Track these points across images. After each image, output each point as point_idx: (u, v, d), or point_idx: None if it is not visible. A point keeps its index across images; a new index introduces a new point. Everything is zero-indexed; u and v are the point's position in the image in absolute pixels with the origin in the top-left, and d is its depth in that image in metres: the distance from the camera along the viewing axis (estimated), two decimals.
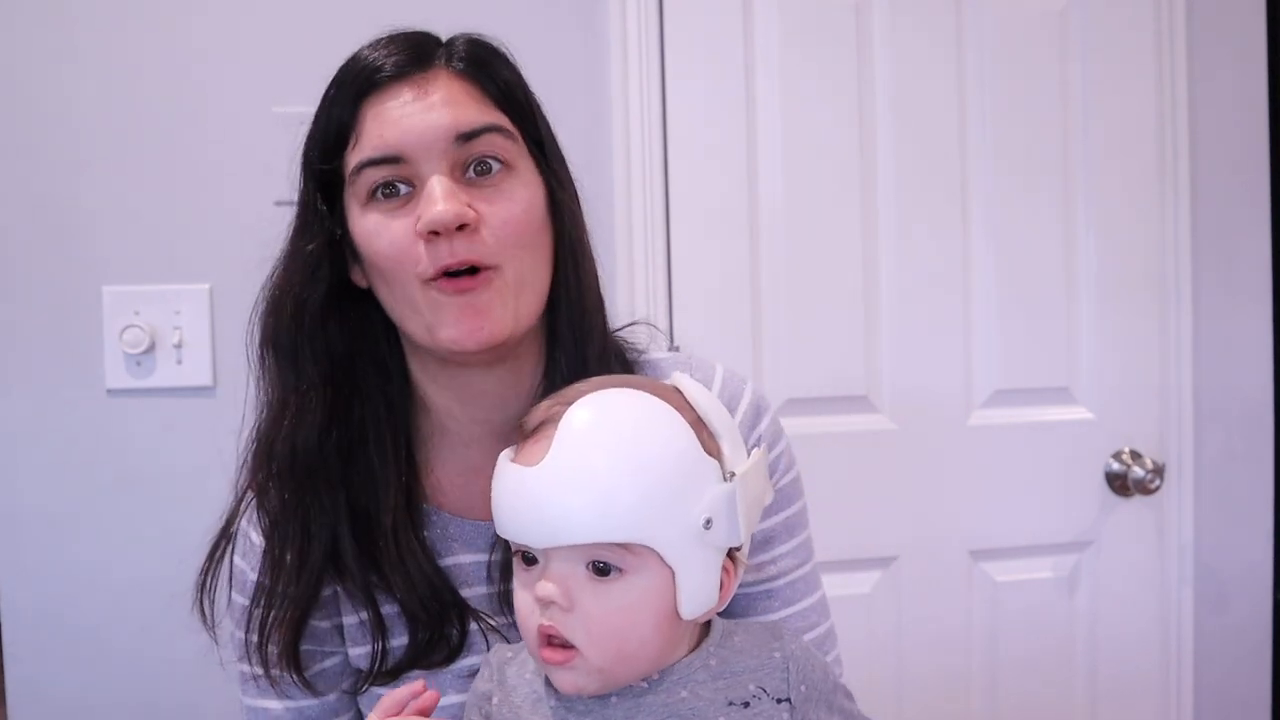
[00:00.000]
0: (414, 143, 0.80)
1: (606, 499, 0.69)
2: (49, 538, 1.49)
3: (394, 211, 0.81)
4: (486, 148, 0.82)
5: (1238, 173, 1.79)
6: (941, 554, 1.71)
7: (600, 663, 0.71)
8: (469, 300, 0.80)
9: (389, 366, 0.89)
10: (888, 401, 1.69)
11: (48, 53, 1.48)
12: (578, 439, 0.71)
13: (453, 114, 0.81)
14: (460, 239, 0.79)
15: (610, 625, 0.70)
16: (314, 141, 0.86)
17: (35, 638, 1.49)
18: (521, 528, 0.71)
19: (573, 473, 0.70)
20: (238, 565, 0.90)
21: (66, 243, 1.49)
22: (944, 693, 1.71)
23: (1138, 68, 1.75)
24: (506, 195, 0.82)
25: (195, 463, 1.49)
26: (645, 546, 0.70)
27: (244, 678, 0.91)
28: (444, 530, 0.89)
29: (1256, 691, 1.83)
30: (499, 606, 0.86)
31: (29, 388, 1.49)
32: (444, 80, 0.82)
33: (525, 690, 0.76)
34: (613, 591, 0.70)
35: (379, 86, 0.82)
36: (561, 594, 0.70)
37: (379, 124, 0.81)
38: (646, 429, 0.72)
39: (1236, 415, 1.80)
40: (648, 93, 1.61)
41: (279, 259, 0.88)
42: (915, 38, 1.69)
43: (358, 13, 1.53)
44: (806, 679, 0.75)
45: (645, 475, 0.70)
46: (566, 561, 0.70)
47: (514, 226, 0.82)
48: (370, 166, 0.81)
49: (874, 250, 1.68)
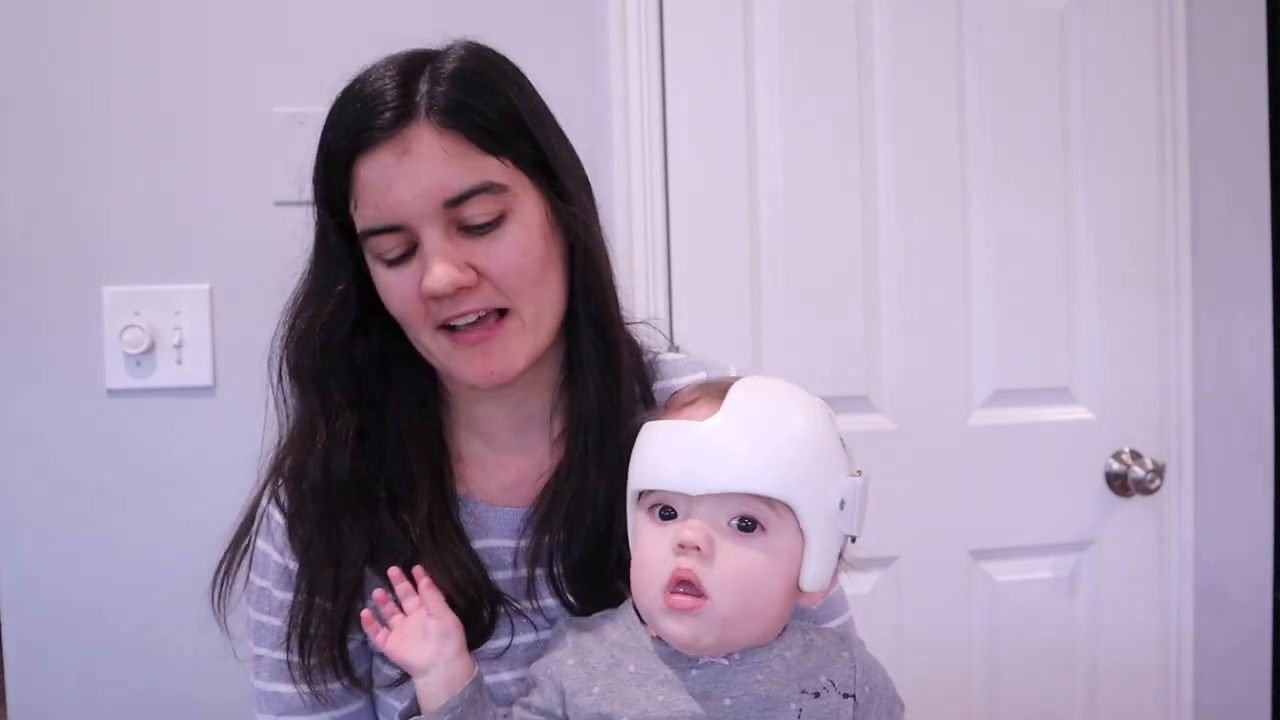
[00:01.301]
0: (406, 211, 0.82)
1: (772, 453, 0.76)
2: (49, 538, 1.49)
3: (400, 270, 0.84)
4: (476, 209, 0.82)
5: (1238, 173, 1.79)
6: (941, 554, 1.71)
7: (727, 612, 0.75)
8: (482, 349, 0.84)
9: (421, 363, 0.91)
10: (888, 401, 1.69)
11: (48, 53, 1.48)
12: (748, 401, 0.79)
13: (438, 178, 0.81)
14: (464, 296, 0.83)
15: (745, 577, 0.76)
16: (321, 193, 0.88)
17: (35, 637, 1.49)
18: (682, 475, 0.77)
19: (743, 427, 0.77)
20: (261, 547, 0.91)
21: (66, 243, 1.49)
22: (944, 692, 1.71)
23: (1138, 68, 1.75)
24: (507, 243, 0.84)
25: (195, 463, 1.49)
26: (790, 508, 0.77)
27: (256, 661, 0.91)
28: (471, 516, 0.91)
29: (1256, 691, 1.83)
30: (524, 590, 0.89)
31: (29, 388, 1.49)
32: (425, 137, 0.82)
33: (602, 654, 0.80)
34: (752, 546, 0.76)
35: (364, 149, 0.83)
36: (705, 540, 0.75)
37: (370, 193, 0.83)
38: (803, 405, 0.81)
39: (1236, 415, 1.80)
40: (648, 93, 1.61)
41: (302, 285, 0.91)
42: (915, 37, 1.69)
43: (358, 13, 1.54)
44: (870, 681, 0.82)
45: (804, 441, 0.78)
46: (712, 513, 0.77)
47: (519, 274, 0.84)
48: (375, 236, 0.84)
49: (874, 250, 1.68)
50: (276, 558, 0.90)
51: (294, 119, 1.50)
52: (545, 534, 0.89)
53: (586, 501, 0.88)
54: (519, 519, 0.91)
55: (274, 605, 0.90)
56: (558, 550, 0.89)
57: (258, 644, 0.92)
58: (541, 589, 0.89)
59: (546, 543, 0.89)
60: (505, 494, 0.93)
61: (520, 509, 0.92)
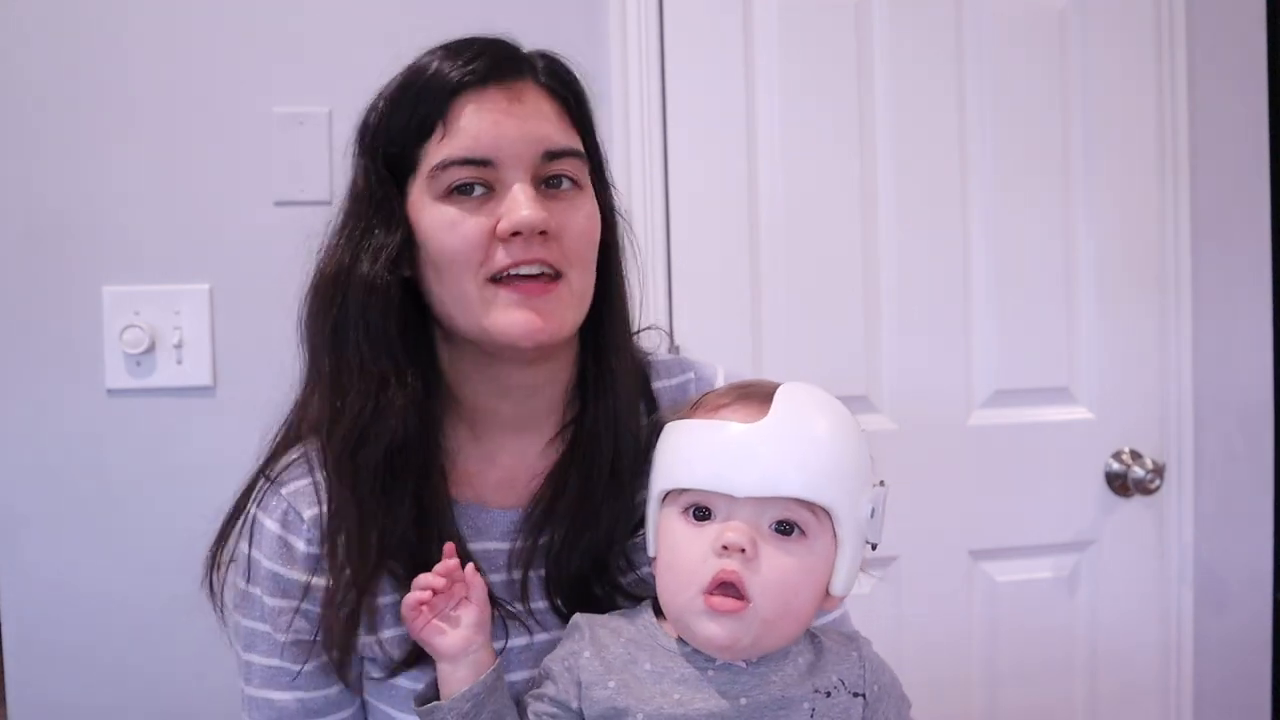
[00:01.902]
0: (506, 149, 0.84)
1: (822, 459, 0.78)
2: (49, 538, 1.49)
3: (472, 209, 0.84)
4: (566, 167, 0.86)
5: (1238, 173, 1.79)
6: (941, 554, 1.71)
7: (768, 614, 0.76)
8: (535, 303, 0.84)
9: (433, 354, 0.91)
10: (888, 401, 1.69)
11: (47, 53, 1.48)
12: (795, 406, 0.79)
13: (544, 129, 0.85)
14: (538, 243, 0.83)
15: (786, 580, 0.76)
16: (385, 128, 0.87)
17: (35, 637, 1.49)
18: (728, 476, 0.77)
19: (795, 430, 0.78)
20: (251, 555, 0.90)
21: (66, 243, 1.49)
22: (944, 693, 1.71)
23: (1138, 68, 1.75)
24: (578, 210, 0.87)
25: (195, 463, 1.49)
26: (830, 513, 0.78)
27: (246, 667, 0.91)
28: (464, 518, 0.90)
29: (1256, 692, 1.83)
30: (515, 593, 0.88)
31: (29, 388, 1.49)
32: (534, 94, 0.86)
33: (618, 650, 0.80)
34: (792, 550, 0.77)
35: (472, 86, 0.84)
36: (750, 543, 0.75)
37: (474, 123, 0.84)
38: (844, 413, 0.82)
39: (1236, 415, 1.80)
40: (648, 91, 1.61)
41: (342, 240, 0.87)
42: (915, 37, 1.69)
43: (358, 13, 1.54)
44: (879, 680, 0.83)
45: (848, 449, 0.80)
46: (754, 515, 0.77)
47: (585, 240, 0.87)
48: (456, 165, 0.84)
49: (874, 250, 1.68)
50: (266, 564, 0.88)
51: (294, 119, 1.50)
52: (541, 536, 0.88)
53: (584, 504, 0.88)
54: (512, 521, 0.90)
55: (265, 612, 0.89)
56: (553, 552, 0.88)
57: (247, 650, 0.90)
58: (536, 591, 0.89)
59: (543, 544, 0.88)
60: (496, 495, 0.92)
61: (513, 511, 0.91)
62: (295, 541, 0.88)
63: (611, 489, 0.88)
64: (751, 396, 0.81)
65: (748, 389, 0.82)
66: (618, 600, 0.89)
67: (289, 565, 0.88)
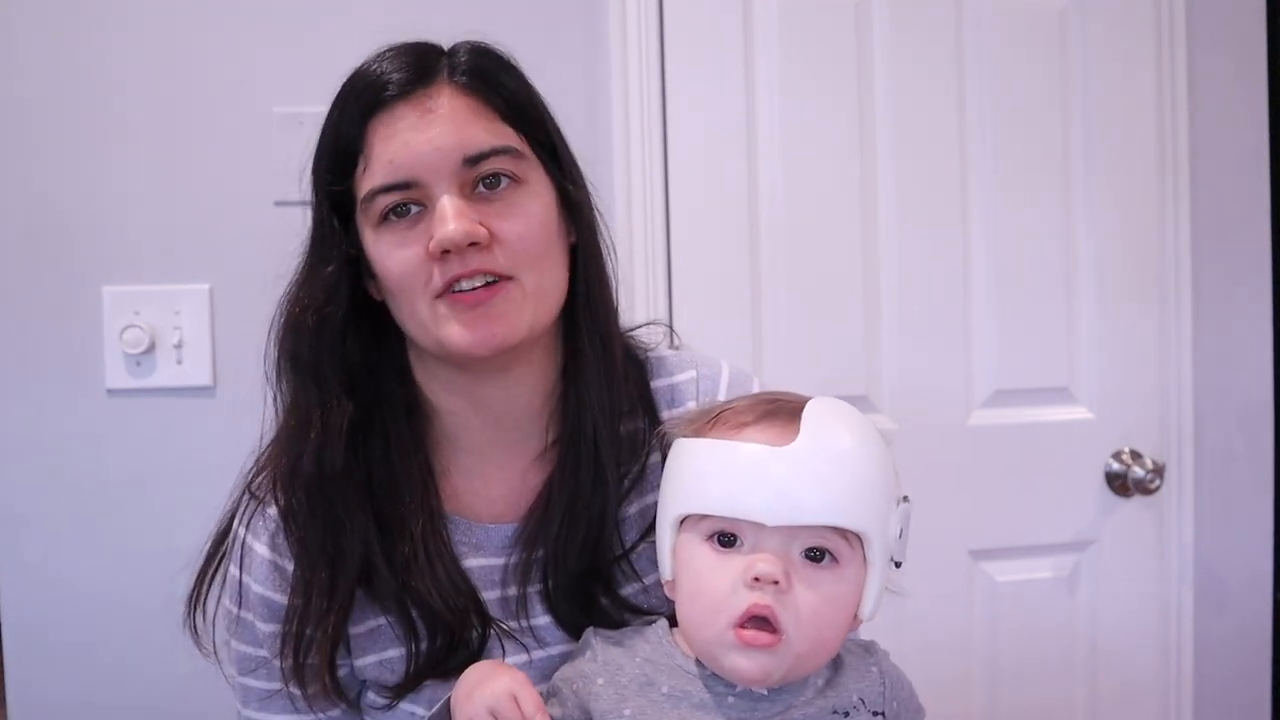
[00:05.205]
0: (422, 167, 0.81)
1: (857, 484, 0.73)
2: (49, 538, 1.49)
3: (405, 233, 0.82)
4: (498, 165, 0.82)
5: (1238, 173, 1.79)
6: (941, 554, 1.71)
7: (802, 648, 0.72)
8: (481, 310, 0.81)
9: (407, 373, 0.90)
10: (888, 401, 1.69)
11: (47, 54, 1.48)
12: (827, 428, 0.74)
13: (459, 136, 0.81)
14: (472, 254, 0.80)
15: (819, 611, 0.73)
16: (323, 161, 0.86)
17: (35, 637, 1.49)
18: (759, 504, 0.72)
19: (827, 454, 0.73)
20: (242, 580, 0.89)
21: (66, 243, 1.49)
22: (944, 693, 1.71)
23: (1138, 68, 1.74)
24: (518, 210, 0.83)
25: (195, 463, 1.49)
26: (862, 539, 0.74)
27: (243, 690, 0.90)
28: (457, 535, 0.89)
29: (1256, 692, 1.83)
30: (511, 610, 0.87)
31: (29, 388, 1.49)
32: (448, 97, 0.82)
33: (634, 671, 0.77)
34: (824, 579, 0.73)
35: (383, 106, 0.82)
36: (784, 574, 0.71)
37: (386, 148, 0.81)
38: (871, 430, 0.77)
39: (1236, 415, 1.80)
40: (648, 93, 1.61)
41: (296, 275, 0.88)
42: (915, 38, 1.69)
43: (357, 13, 1.54)
44: (898, 696, 0.80)
45: (879, 470, 0.75)
46: (785, 544, 0.73)
47: (527, 242, 0.83)
48: (381, 194, 0.82)
49: (874, 250, 1.68)
50: (257, 589, 0.88)
51: (294, 119, 1.50)
52: (537, 550, 0.86)
53: (579, 515, 0.86)
54: (506, 536, 0.88)
55: (258, 637, 0.88)
56: (550, 566, 0.86)
57: (242, 673, 0.90)
58: (534, 606, 0.87)
59: (539, 558, 0.86)
60: (490, 510, 0.90)
61: (507, 525, 0.89)
62: (286, 565, 0.87)
63: (601, 497, 0.86)
64: (776, 415, 0.76)
65: (772, 406, 0.78)
66: (621, 612, 0.87)
67: (281, 590, 0.87)
